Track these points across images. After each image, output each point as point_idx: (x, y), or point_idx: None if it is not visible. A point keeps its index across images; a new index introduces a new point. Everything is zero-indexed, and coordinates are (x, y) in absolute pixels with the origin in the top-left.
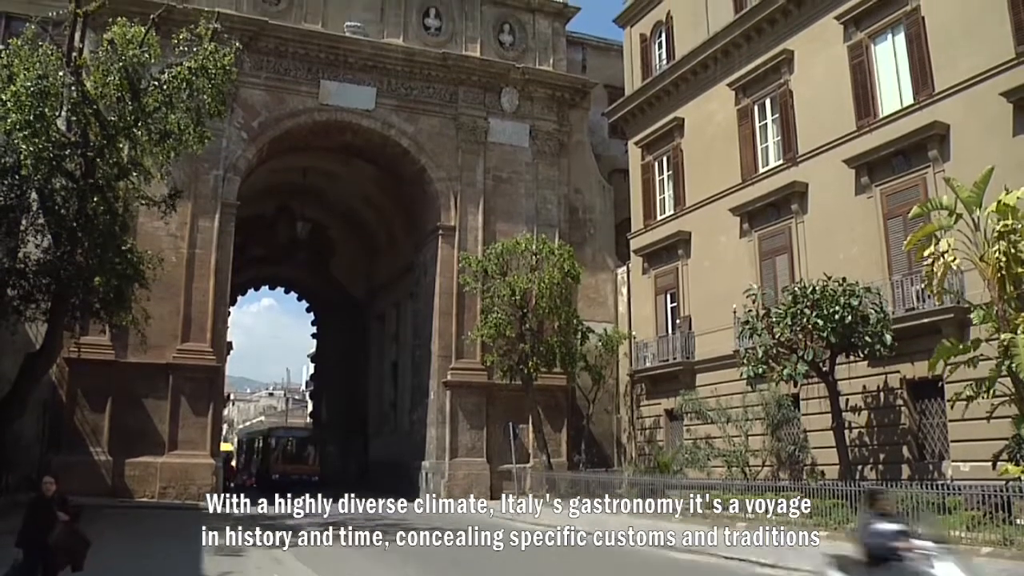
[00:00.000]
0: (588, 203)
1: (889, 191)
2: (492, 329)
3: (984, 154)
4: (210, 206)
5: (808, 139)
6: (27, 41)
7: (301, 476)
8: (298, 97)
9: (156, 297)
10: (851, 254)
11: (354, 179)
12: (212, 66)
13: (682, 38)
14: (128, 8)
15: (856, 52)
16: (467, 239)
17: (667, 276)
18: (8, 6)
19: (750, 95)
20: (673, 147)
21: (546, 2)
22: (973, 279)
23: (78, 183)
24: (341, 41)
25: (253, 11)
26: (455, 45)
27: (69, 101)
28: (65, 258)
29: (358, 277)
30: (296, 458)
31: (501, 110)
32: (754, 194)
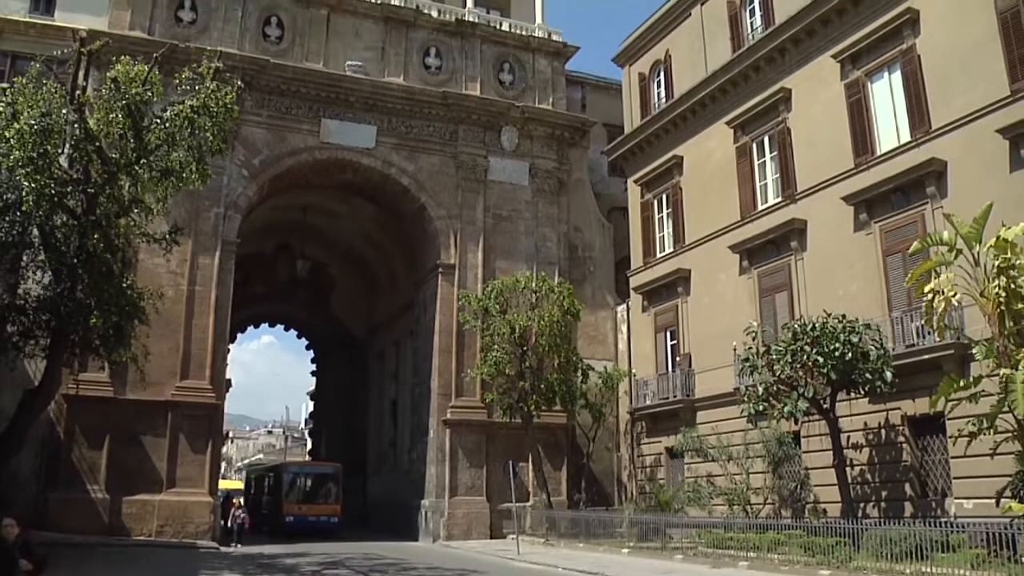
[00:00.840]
0: (588, 241)
1: (888, 228)
2: (492, 367)
3: (982, 190)
4: (210, 243)
5: (807, 176)
6: (32, 79)
7: (319, 519)
8: (299, 135)
9: (156, 334)
10: (851, 291)
11: (354, 217)
12: (214, 104)
13: (681, 77)
14: (132, 47)
15: (853, 90)
16: (467, 277)
17: (667, 314)
18: (14, 45)
19: (748, 133)
20: (672, 185)
21: (546, 41)
22: (973, 315)
23: (79, 220)
24: (342, 80)
25: (255, 50)
26: (455, 84)
27: (72, 138)
28: (65, 294)
29: (358, 315)
30: (313, 497)
31: (501, 148)
32: (753, 231)
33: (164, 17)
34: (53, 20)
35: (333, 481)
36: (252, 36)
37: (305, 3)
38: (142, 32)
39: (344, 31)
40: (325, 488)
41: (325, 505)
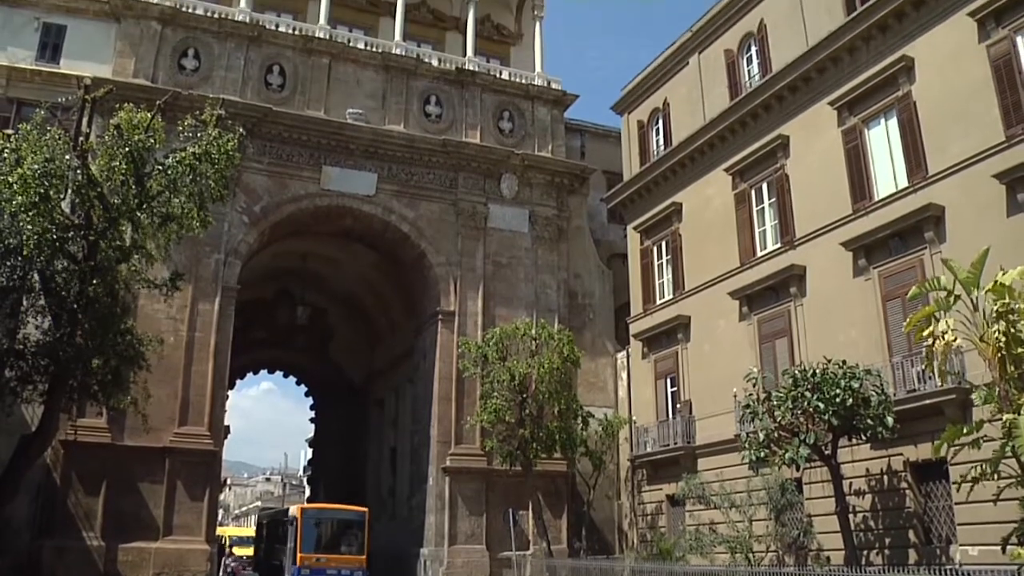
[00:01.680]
0: (587, 288)
1: (887, 273)
2: (492, 414)
3: (980, 235)
4: (211, 289)
5: (805, 222)
6: (36, 126)
7: (341, 571)
8: (300, 182)
9: (154, 380)
10: (851, 336)
11: (354, 263)
12: (216, 151)
13: (679, 124)
14: (135, 94)
15: (850, 136)
16: (467, 324)
17: (667, 360)
18: (20, 92)
19: (747, 180)
20: (672, 231)
21: (545, 90)
22: (974, 359)
23: (80, 265)
24: (343, 128)
25: (257, 98)
26: (455, 132)
27: (74, 184)
28: (65, 339)
29: (358, 361)
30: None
31: (501, 196)
32: (753, 277)
33: (167, 65)
34: (58, 68)
35: (358, 528)
36: (254, 84)
37: (307, 52)
38: (145, 80)
39: (345, 79)
40: (349, 535)
41: (348, 555)
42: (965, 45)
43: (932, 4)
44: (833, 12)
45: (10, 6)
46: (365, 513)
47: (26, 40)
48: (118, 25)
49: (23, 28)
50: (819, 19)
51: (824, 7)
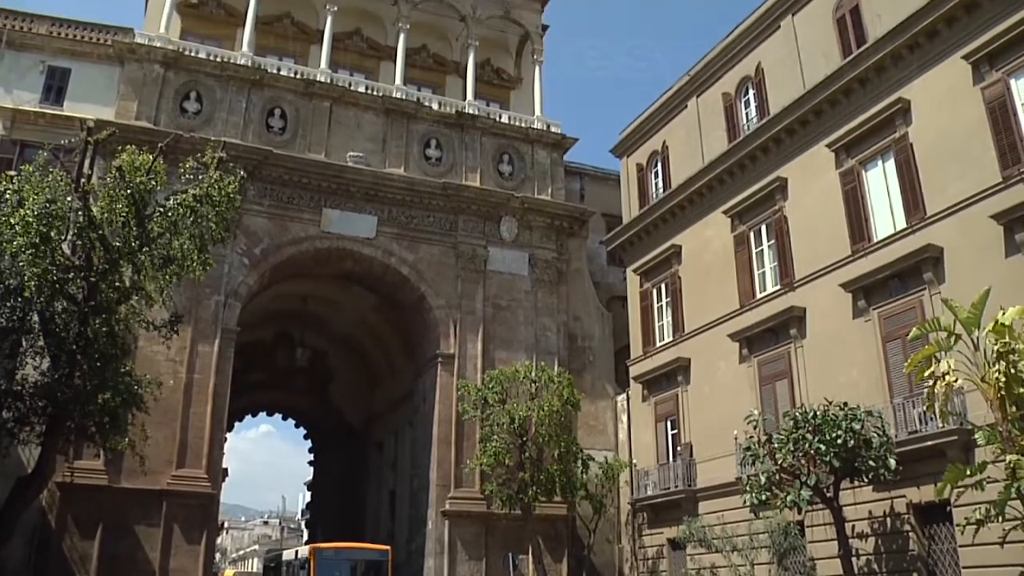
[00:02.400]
0: (587, 330)
1: (887, 314)
2: (491, 457)
3: (979, 275)
4: (210, 331)
5: (804, 264)
6: (39, 167)
7: None
8: (300, 224)
9: (153, 422)
10: (851, 377)
11: (354, 306)
12: (217, 193)
13: (678, 167)
14: (137, 136)
15: (848, 178)
16: (466, 367)
17: (667, 403)
18: (24, 134)
19: (746, 222)
20: (671, 274)
21: (545, 133)
22: (975, 400)
23: (80, 306)
24: (343, 171)
25: (258, 140)
26: (455, 175)
27: (75, 225)
28: (63, 380)
29: (357, 404)
30: None
31: (500, 239)
32: (752, 319)
33: (170, 108)
34: (62, 110)
35: (380, 570)
36: (256, 127)
37: (308, 96)
38: (148, 122)
39: (346, 122)
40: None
41: None
42: (960, 87)
43: (927, 47)
44: (829, 56)
45: (16, 49)
46: (388, 552)
47: (31, 83)
48: (121, 68)
49: (29, 71)
50: (815, 62)
51: (820, 51)
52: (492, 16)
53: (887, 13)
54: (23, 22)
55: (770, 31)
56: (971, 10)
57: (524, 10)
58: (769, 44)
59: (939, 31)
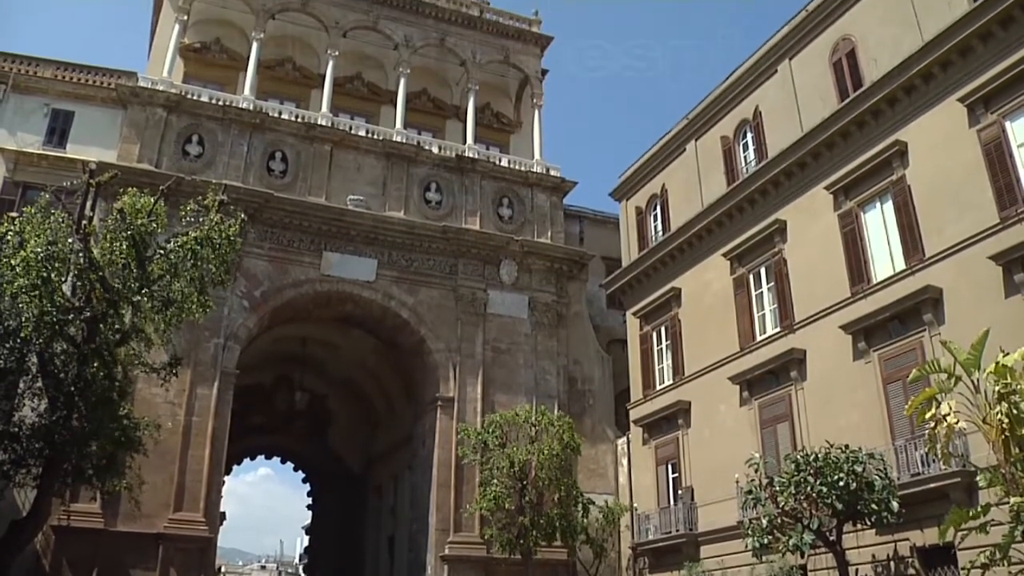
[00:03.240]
0: (587, 374)
1: (887, 355)
2: (491, 501)
3: (978, 316)
4: (209, 374)
5: (804, 306)
6: (40, 209)
7: None
8: (300, 268)
9: (150, 464)
10: (852, 420)
11: (354, 349)
12: (217, 236)
13: (677, 210)
14: (139, 179)
15: (847, 220)
16: (466, 410)
17: (668, 446)
18: (27, 176)
19: (745, 264)
20: (671, 317)
21: (544, 177)
22: (977, 442)
23: (79, 348)
24: (344, 214)
25: (259, 184)
26: (455, 218)
27: (76, 267)
28: (61, 422)
29: (356, 447)
30: None
31: (500, 282)
32: (753, 362)
33: (172, 151)
34: (65, 152)
35: None
36: (256, 170)
37: (309, 139)
38: (150, 165)
39: (346, 166)
40: None
41: None
42: (956, 129)
43: (923, 90)
44: (826, 98)
45: (22, 92)
46: None
47: (35, 125)
48: (124, 111)
49: (33, 114)
50: (813, 105)
51: (817, 94)
52: (492, 61)
53: (883, 57)
54: (29, 66)
55: (767, 75)
56: (965, 54)
57: (524, 55)
58: (767, 88)
59: (934, 74)
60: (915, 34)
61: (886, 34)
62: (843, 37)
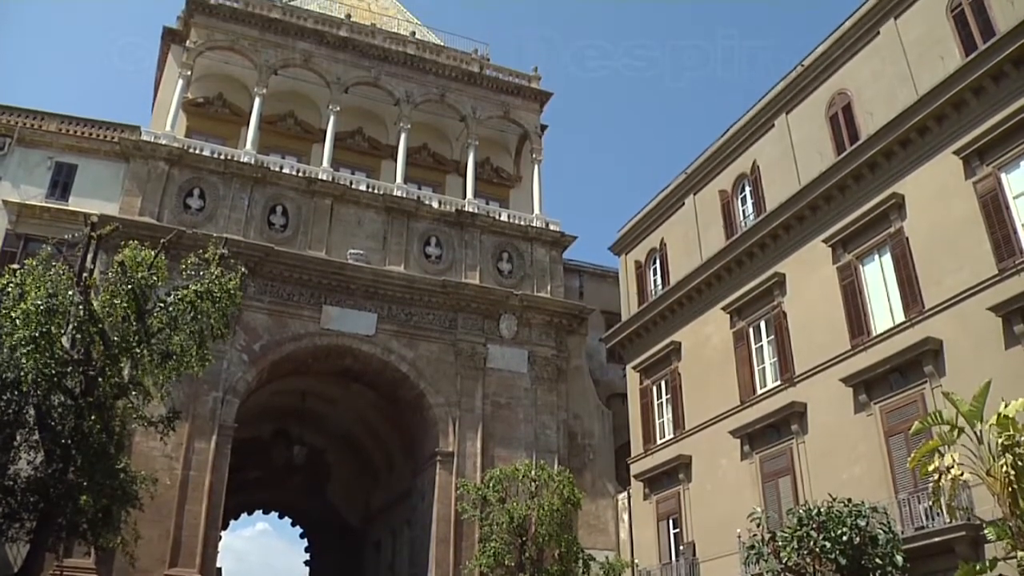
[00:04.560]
0: (587, 428)
1: (888, 408)
2: (491, 558)
3: (979, 367)
4: (207, 427)
5: (804, 359)
6: (42, 261)
7: None
8: (300, 321)
9: (146, 519)
10: (854, 473)
11: (353, 403)
12: (217, 290)
13: (676, 264)
14: (140, 232)
15: (845, 273)
16: (465, 465)
17: (669, 501)
18: (29, 228)
19: (744, 318)
20: (671, 370)
21: (544, 231)
22: (982, 494)
23: (77, 400)
24: (344, 268)
25: (260, 237)
26: (455, 273)
27: (75, 319)
28: (56, 476)
29: (354, 502)
30: None
31: (500, 336)
32: (753, 416)
33: (173, 204)
34: (67, 205)
35: None
36: (257, 224)
37: (310, 193)
38: (151, 218)
39: (347, 220)
40: None
41: None
42: (952, 182)
43: (918, 143)
44: (823, 152)
45: (26, 146)
46: None
47: (38, 178)
48: (127, 165)
49: (36, 167)
50: (810, 159)
51: (814, 147)
52: (492, 116)
53: (878, 110)
54: (34, 119)
55: (765, 129)
56: (959, 107)
57: (523, 110)
58: (764, 142)
59: (929, 127)
60: (909, 88)
61: (881, 88)
62: (839, 91)
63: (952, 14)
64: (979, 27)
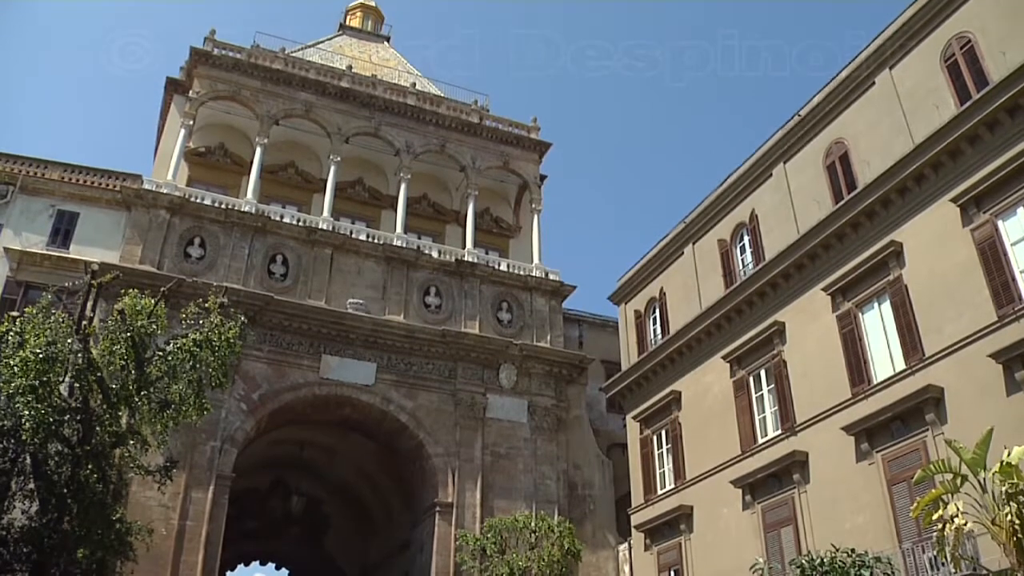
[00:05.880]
0: (587, 478)
1: (890, 456)
2: None
3: (981, 415)
4: (205, 477)
5: (805, 408)
6: (41, 309)
7: None
8: (299, 371)
9: (141, 570)
10: (857, 523)
11: (351, 453)
12: (217, 339)
13: (675, 313)
14: (140, 280)
15: (845, 321)
16: (465, 516)
17: (670, 552)
18: (29, 276)
19: (745, 367)
20: (671, 420)
21: (543, 281)
22: (987, 543)
23: (74, 449)
24: (343, 317)
25: (260, 286)
26: (454, 322)
27: (74, 367)
28: (51, 525)
29: (353, 553)
30: None
31: (499, 386)
32: (754, 465)
33: (174, 252)
34: (68, 253)
35: None
36: (257, 273)
37: (310, 243)
38: (152, 266)
39: (347, 269)
40: None
41: None
42: (950, 229)
43: (915, 191)
44: (821, 201)
45: (29, 194)
46: None
47: (40, 226)
48: (128, 213)
49: (38, 215)
50: (808, 208)
51: (812, 196)
52: (491, 167)
53: (875, 159)
54: (37, 168)
55: (763, 178)
56: (955, 156)
57: (522, 161)
58: (762, 191)
59: (926, 175)
60: (906, 137)
61: (877, 137)
62: (836, 140)
63: (946, 64)
64: (972, 77)
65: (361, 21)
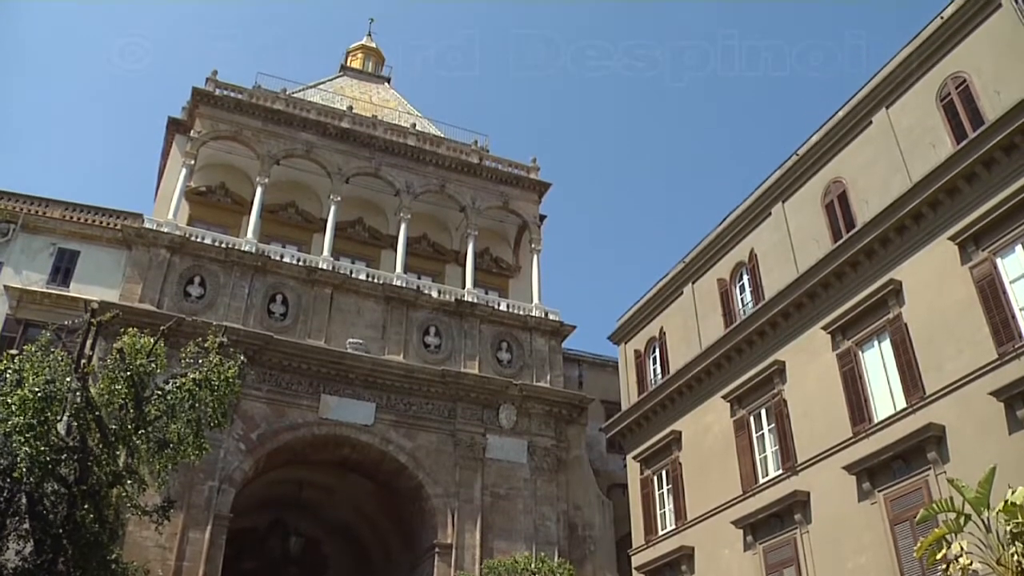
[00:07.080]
0: (587, 519)
1: (892, 496)
2: None
3: (983, 453)
4: (202, 517)
5: (806, 447)
6: (40, 347)
7: None
8: (298, 411)
9: None
10: (860, 563)
11: (350, 493)
12: (216, 378)
13: (675, 352)
14: (140, 319)
15: (845, 360)
16: (464, 557)
17: None
18: (29, 314)
19: (745, 406)
20: (672, 460)
21: (543, 321)
22: None
23: (70, 488)
24: (343, 357)
25: (259, 326)
26: (454, 362)
27: (72, 406)
28: (46, 567)
29: None
30: None
31: (499, 426)
32: (755, 505)
33: (174, 291)
34: (68, 291)
35: None
36: (257, 312)
37: (310, 282)
38: (151, 305)
39: (346, 309)
40: None
41: None
42: (949, 267)
43: (914, 230)
44: (820, 240)
45: (30, 232)
46: None
47: (40, 264)
48: (128, 252)
49: (39, 253)
50: (807, 247)
51: (811, 235)
52: (491, 207)
53: (873, 198)
54: (38, 206)
55: (762, 218)
56: (952, 194)
57: (522, 201)
58: (761, 230)
59: (924, 214)
60: (903, 176)
61: (875, 176)
62: (834, 179)
63: (942, 103)
64: (968, 115)
65: (362, 62)
